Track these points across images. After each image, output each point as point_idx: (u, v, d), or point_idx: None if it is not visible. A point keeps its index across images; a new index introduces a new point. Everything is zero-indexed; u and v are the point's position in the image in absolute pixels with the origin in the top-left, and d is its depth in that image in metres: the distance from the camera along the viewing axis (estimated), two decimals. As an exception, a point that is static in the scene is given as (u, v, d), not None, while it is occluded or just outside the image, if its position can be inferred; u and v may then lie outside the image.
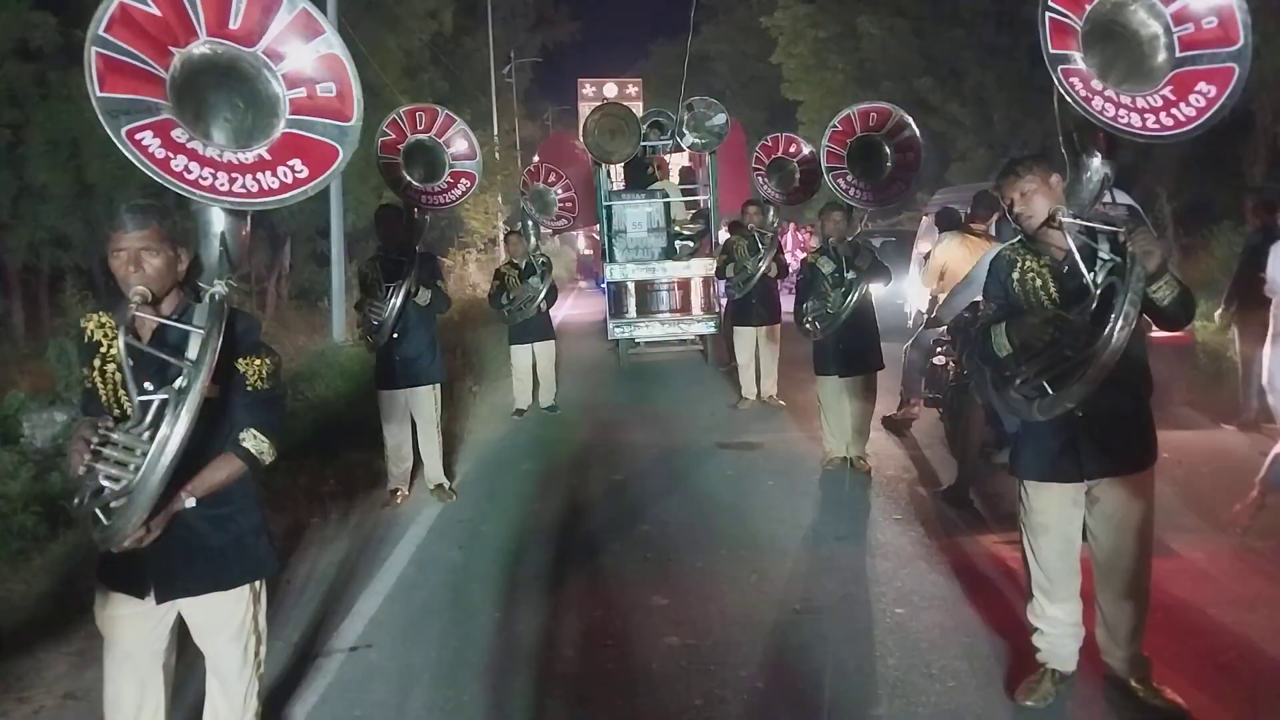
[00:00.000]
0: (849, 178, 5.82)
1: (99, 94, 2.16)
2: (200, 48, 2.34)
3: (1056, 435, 2.99)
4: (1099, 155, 2.87)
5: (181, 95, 2.33)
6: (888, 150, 5.88)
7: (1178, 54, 2.76)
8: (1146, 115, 2.68)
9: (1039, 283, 2.99)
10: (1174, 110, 2.71)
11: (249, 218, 2.58)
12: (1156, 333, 3.36)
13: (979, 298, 6.31)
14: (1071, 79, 2.64)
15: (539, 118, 39.96)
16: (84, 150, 10.88)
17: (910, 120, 5.86)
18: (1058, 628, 3.13)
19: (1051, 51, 2.63)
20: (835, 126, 5.86)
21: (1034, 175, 2.91)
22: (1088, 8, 2.72)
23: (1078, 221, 2.83)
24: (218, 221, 2.45)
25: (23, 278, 14.02)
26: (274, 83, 2.41)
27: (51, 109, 10.63)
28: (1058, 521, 3.07)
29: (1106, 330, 2.66)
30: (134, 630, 2.51)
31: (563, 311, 16.73)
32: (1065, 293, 2.94)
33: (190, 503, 2.34)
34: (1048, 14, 2.64)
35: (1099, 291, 2.76)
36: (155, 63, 2.26)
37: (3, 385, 7.94)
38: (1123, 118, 2.65)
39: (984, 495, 5.35)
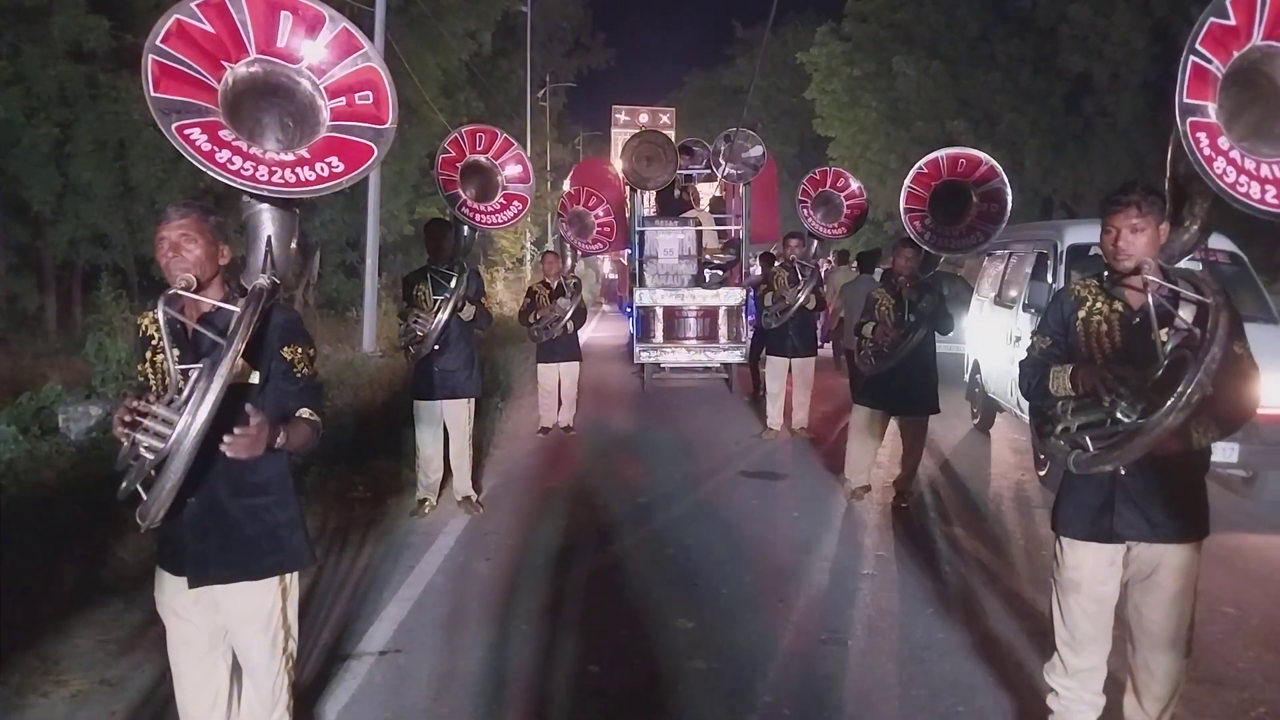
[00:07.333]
0: (926, 220, 5.72)
1: (152, 94, 2.35)
2: (250, 66, 2.52)
3: (1096, 492, 2.85)
4: (1205, 213, 2.70)
5: (234, 108, 2.50)
6: (973, 198, 5.72)
7: None
8: (1268, 187, 2.45)
9: (1104, 328, 2.82)
10: None
11: (297, 226, 2.71)
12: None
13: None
14: (1198, 133, 2.43)
15: (570, 142, 40.32)
16: (129, 151, 11.12)
17: (1000, 170, 5.66)
18: (1074, 692, 2.99)
19: (1185, 101, 2.42)
20: (920, 169, 5.71)
21: (1149, 215, 2.68)
22: (1235, 54, 2.46)
23: (1163, 284, 2.62)
24: (265, 226, 2.60)
25: (56, 274, 14.23)
26: (316, 95, 2.59)
27: (100, 110, 10.87)
28: (1090, 581, 2.91)
29: (1164, 407, 2.43)
30: (186, 617, 2.55)
31: (585, 334, 16.76)
32: (1128, 349, 2.76)
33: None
34: (1191, 59, 2.41)
35: (1166, 361, 2.54)
36: (208, 74, 2.45)
37: (36, 378, 8.08)
38: (1241, 186, 2.43)
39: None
